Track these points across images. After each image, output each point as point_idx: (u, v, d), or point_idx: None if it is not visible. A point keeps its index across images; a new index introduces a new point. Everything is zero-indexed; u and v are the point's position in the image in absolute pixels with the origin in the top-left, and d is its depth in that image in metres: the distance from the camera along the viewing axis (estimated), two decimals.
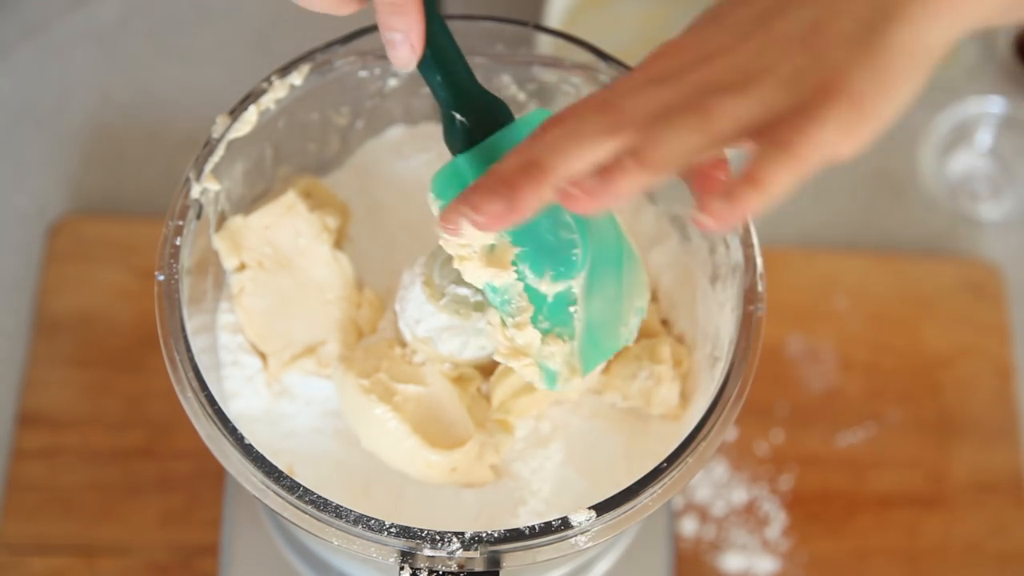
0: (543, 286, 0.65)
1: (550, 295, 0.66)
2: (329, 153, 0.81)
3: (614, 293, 0.68)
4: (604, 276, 0.67)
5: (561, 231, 0.66)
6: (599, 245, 0.67)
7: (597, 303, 0.67)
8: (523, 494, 0.74)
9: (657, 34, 1.14)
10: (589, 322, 0.67)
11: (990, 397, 1.08)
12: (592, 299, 0.67)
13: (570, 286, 0.65)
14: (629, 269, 0.69)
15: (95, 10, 1.18)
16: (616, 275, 0.68)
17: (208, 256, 0.74)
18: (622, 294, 0.68)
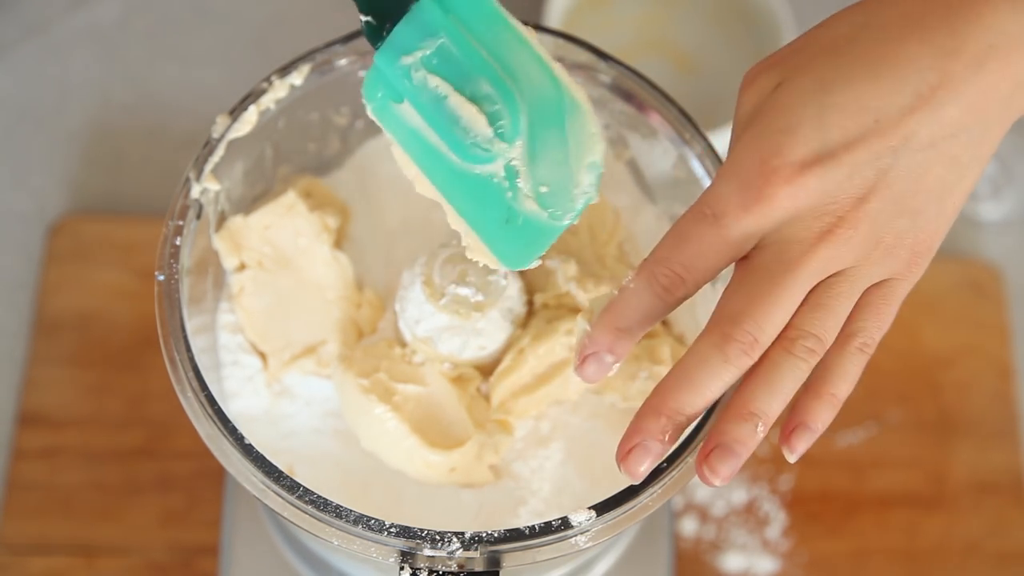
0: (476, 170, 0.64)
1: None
2: (329, 153, 0.81)
3: (560, 154, 0.64)
4: (546, 137, 0.64)
5: (484, 104, 0.63)
6: (535, 105, 0.64)
7: (543, 169, 0.64)
8: (523, 494, 0.74)
9: (657, 34, 1.14)
10: (538, 192, 0.64)
11: (990, 397, 1.08)
12: (537, 166, 0.64)
13: (509, 160, 0.64)
14: (574, 123, 0.64)
15: (95, 10, 1.18)
16: (560, 133, 0.64)
17: (208, 256, 0.74)
18: (569, 153, 0.64)
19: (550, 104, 0.64)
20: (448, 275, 0.71)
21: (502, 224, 0.65)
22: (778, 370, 0.58)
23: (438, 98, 0.64)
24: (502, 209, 0.65)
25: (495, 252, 0.66)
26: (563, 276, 0.74)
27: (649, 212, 0.80)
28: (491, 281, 0.72)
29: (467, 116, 0.64)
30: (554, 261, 0.75)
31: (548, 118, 0.64)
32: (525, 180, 0.64)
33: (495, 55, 0.65)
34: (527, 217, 0.64)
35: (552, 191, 0.64)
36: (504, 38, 0.65)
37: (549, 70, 0.65)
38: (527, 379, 0.73)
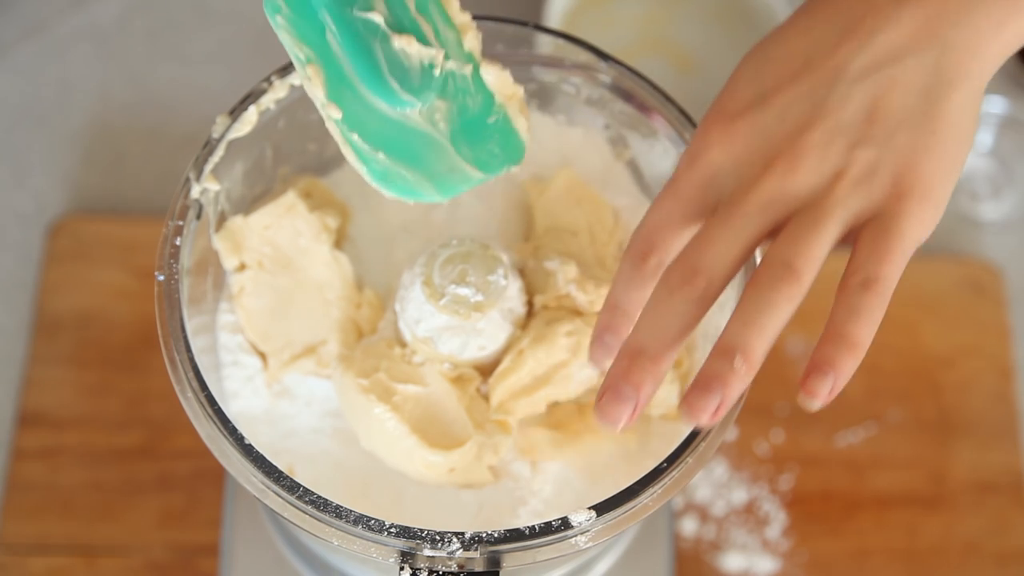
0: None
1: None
2: (329, 153, 0.81)
3: (480, 120, 0.67)
4: (464, 101, 0.66)
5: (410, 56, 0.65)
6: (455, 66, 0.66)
7: (464, 129, 0.66)
8: (523, 494, 0.74)
9: (657, 34, 1.15)
10: (459, 147, 0.66)
11: (990, 397, 1.08)
12: (457, 124, 0.66)
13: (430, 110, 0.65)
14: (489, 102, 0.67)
15: (95, 10, 1.18)
16: (476, 100, 0.67)
17: (208, 256, 0.74)
18: (486, 118, 0.67)
19: (475, 83, 0.67)
20: (448, 275, 0.71)
21: (414, 157, 0.65)
22: (749, 302, 0.57)
23: (371, 34, 0.65)
24: (418, 145, 0.65)
25: (433, 183, 0.66)
26: (563, 278, 0.74)
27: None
28: (491, 281, 0.72)
29: (396, 61, 0.65)
30: (554, 263, 0.75)
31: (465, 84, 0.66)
32: (444, 133, 0.65)
33: (427, 21, 0.66)
34: (453, 162, 0.66)
35: (474, 150, 0.66)
36: (435, 12, 0.67)
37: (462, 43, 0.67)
38: (527, 380, 0.73)
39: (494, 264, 0.72)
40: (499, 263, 0.72)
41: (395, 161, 0.65)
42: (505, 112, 0.68)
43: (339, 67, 0.65)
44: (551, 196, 0.79)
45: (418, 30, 0.66)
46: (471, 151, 0.66)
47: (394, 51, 0.65)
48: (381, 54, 0.65)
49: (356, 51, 0.65)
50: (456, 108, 0.66)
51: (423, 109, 0.66)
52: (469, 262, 0.72)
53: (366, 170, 0.65)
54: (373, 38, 0.65)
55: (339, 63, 0.65)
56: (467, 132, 0.66)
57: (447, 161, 0.66)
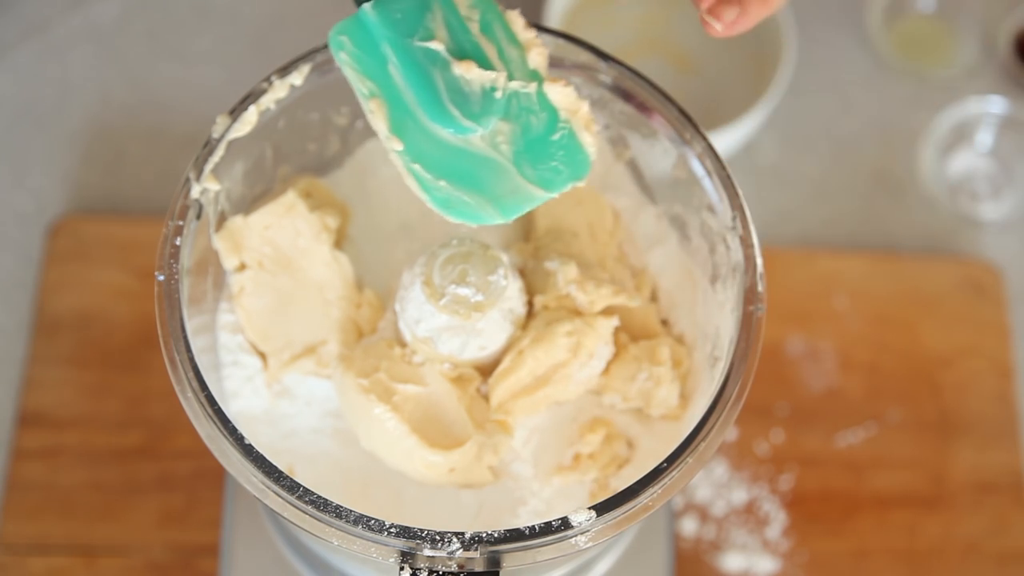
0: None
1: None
2: (329, 153, 0.81)
3: (542, 138, 0.67)
4: (527, 122, 0.67)
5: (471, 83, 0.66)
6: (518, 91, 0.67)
7: (526, 149, 0.66)
8: (523, 494, 0.74)
9: (657, 34, 1.15)
10: (521, 167, 0.66)
11: (990, 397, 1.08)
12: (519, 145, 0.66)
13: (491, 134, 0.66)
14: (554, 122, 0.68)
15: (95, 10, 1.18)
16: (541, 122, 0.67)
17: (208, 256, 0.74)
18: (548, 137, 0.67)
19: (540, 101, 0.67)
20: (448, 275, 0.71)
21: (476, 182, 0.66)
22: None
23: (432, 63, 0.65)
24: (480, 170, 0.66)
25: (495, 205, 0.66)
26: (563, 278, 0.74)
27: (649, 212, 0.80)
28: (491, 281, 0.72)
29: (457, 88, 0.65)
30: (554, 263, 0.75)
31: (530, 105, 0.66)
32: (507, 156, 0.65)
33: (490, 42, 0.66)
34: (515, 183, 0.66)
35: (537, 169, 0.66)
36: (498, 31, 0.67)
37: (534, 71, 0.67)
38: (527, 380, 0.73)
39: (494, 264, 0.72)
40: (499, 263, 0.72)
41: (457, 187, 0.66)
42: (570, 127, 0.68)
43: (401, 99, 0.65)
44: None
45: (480, 53, 0.66)
46: (534, 170, 0.66)
47: (455, 78, 0.66)
48: (441, 82, 0.65)
49: (417, 81, 0.65)
50: (520, 128, 0.67)
51: (484, 134, 0.66)
52: (469, 262, 0.72)
53: (428, 198, 0.66)
54: (433, 67, 0.66)
55: (401, 95, 0.65)
56: (530, 151, 0.67)
57: (510, 183, 0.66)
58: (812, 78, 1.19)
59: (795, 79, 1.15)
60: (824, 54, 1.21)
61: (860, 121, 1.18)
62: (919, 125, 1.17)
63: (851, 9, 1.22)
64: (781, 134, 1.17)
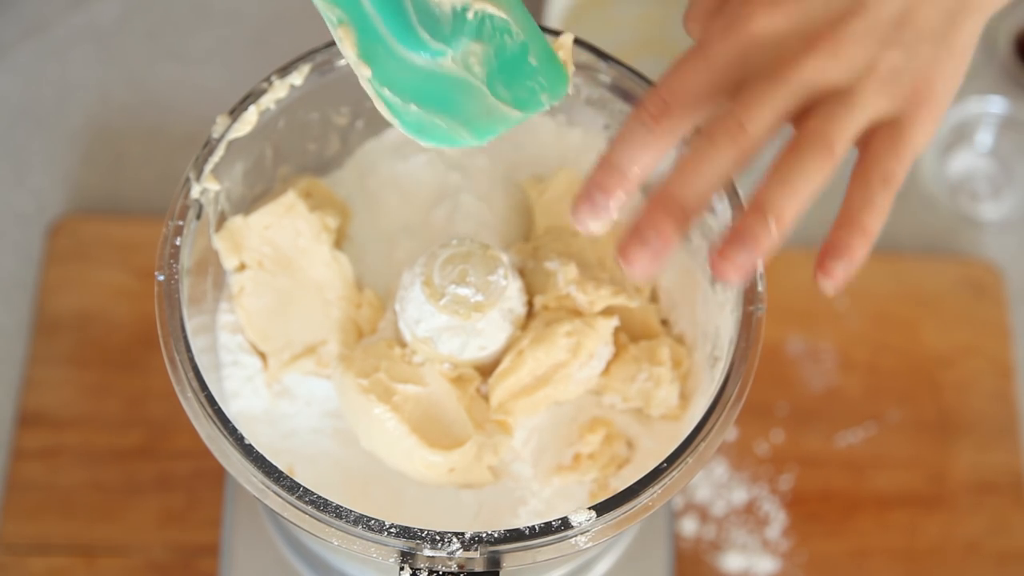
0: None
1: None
2: (329, 153, 0.81)
3: (519, 57, 0.66)
4: (503, 42, 0.65)
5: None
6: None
7: (501, 71, 0.66)
8: (523, 494, 0.74)
9: (657, 34, 1.14)
10: (496, 89, 0.65)
11: (990, 397, 1.08)
12: (493, 68, 0.65)
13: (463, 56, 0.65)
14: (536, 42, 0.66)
15: (95, 10, 1.18)
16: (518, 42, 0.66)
17: (208, 256, 0.74)
18: (528, 56, 0.66)
19: (515, 20, 0.65)
20: (448, 275, 0.71)
21: (448, 104, 0.65)
22: (786, 169, 0.59)
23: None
24: (452, 92, 0.65)
25: (468, 127, 0.65)
26: (563, 278, 0.74)
27: None
28: (491, 281, 0.72)
29: (426, 9, 0.64)
30: (554, 263, 0.75)
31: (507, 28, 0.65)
32: (480, 77, 0.65)
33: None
34: (489, 104, 0.65)
35: (511, 89, 0.65)
36: None
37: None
38: (526, 380, 0.73)
39: (494, 264, 0.72)
40: (499, 263, 0.72)
41: (428, 111, 0.64)
42: (548, 47, 0.67)
43: (371, 24, 0.64)
44: (551, 196, 0.79)
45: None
46: (509, 91, 0.65)
47: (423, 0, 0.65)
48: (410, 4, 0.64)
49: (385, 5, 0.64)
50: (493, 49, 0.65)
51: (456, 56, 0.65)
52: (469, 262, 0.72)
53: (399, 122, 0.64)
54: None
55: (371, 20, 0.64)
56: (504, 72, 0.65)
57: (483, 104, 0.65)
58: None
59: None
60: None
61: None
62: None
63: None
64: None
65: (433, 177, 0.80)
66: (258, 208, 0.76)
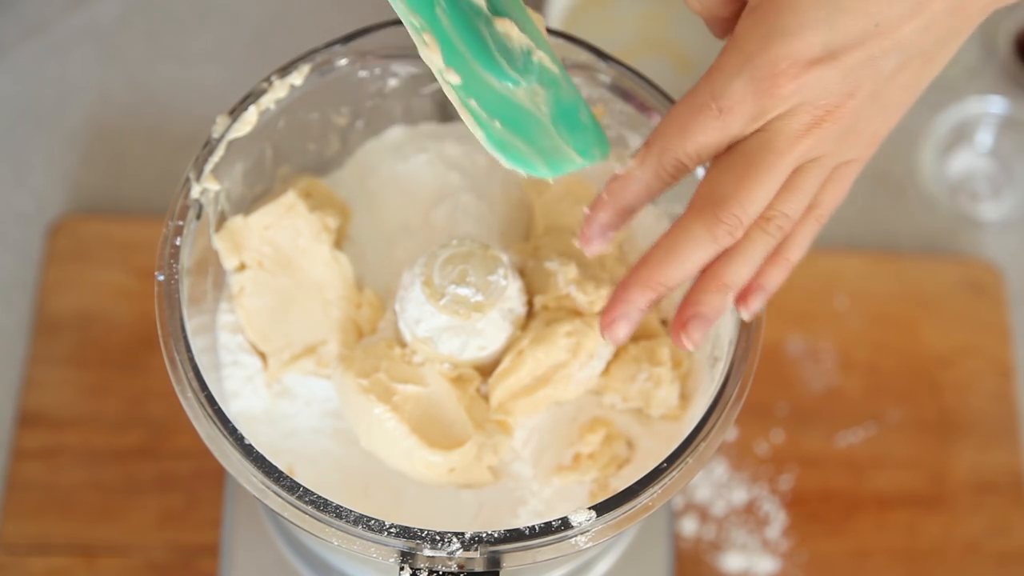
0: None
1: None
2: (329, 153, 0.81)
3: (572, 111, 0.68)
4: (559, 94, 0.68)
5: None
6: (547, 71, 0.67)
7: (561, 118, 0.67)
8: (523, 494, 0.74)
9: (657, 34, 1.14)
10: (559, 129, 0.67)
11: (990, 397, 1.08)
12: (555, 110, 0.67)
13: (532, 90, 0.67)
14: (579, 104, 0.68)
15: (95, 10, 1.18)
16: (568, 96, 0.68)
17: (208, 256, 0.74)
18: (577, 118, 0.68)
19: (566, 82, 0.68)
20: (448, 275, 0.71)
21: (525, 131, 0.66)
22: (753, 246, 0.64)
23: (475, 15, 0.65)
24: (526, 121, 0.66)
25: (543, 158, 0.66)
26: (563, 279, 0.74)
27: (649, 212, 0.80)
28: (491, 281, 0.72)
29: (500, 42, 0.66)
30: (554, 263, 0.75)
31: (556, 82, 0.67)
32: (546, 115, 0.66)
33: (521, 26, 0.67)
34: (556, 142, 0.66)
35: (571, 135, 0.67)
36: (527, 24, 0.68)
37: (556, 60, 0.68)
38: (526, 380, 0.73)
39: (494, 264, 0.72)
40: (499, 263, 0.72)
41: (510, 131, 0.65)
42: (591, 112, 0.69)
43: (450, 39, 0.65)
44: (551, 196, 0.79)
45: (516, 15, 0.67)
46: (570, 137, 0.67)
47: (497, 33, 0.66)
48: (487, 33, 0.66)
49: (464, 27, 0.65)
50: (552, 96, 0.67)
51: (527, 88, 0.66)
52: (469, 262, 0.72)
53: (484, 135, 0.64)
54: (478, 18, 0.66)
55: (449, 36, 0.65)
56: (564, 118, 0.67)
57: (551, 140, 0.66)
58: None
59: None
60: None
61: None
62: (919, 125, 1.17)
63: None
64: None
65: (433, 177, 0.80)
66: (258, 208, 0.76)
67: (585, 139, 0.67)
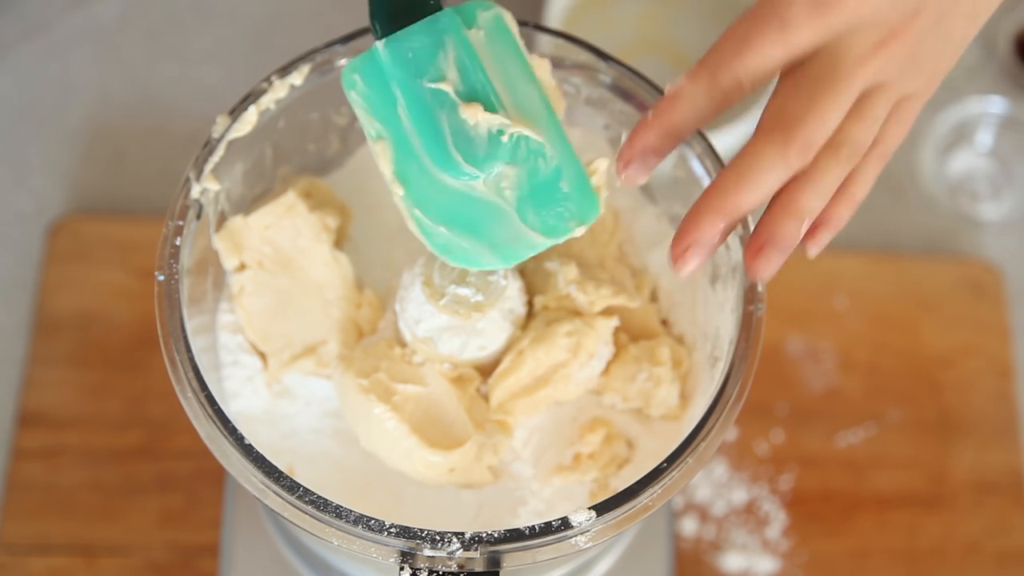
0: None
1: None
2: (329, 153, 0.81)
3: (551, 185, 0.66)
4: (536, 169, 0.66)
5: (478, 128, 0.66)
6: (530, 139, 0.66)
7: (532, 196, 0.66)
8: (523, 494, 0.74)
9: (657, 34, 1.14)
10: (525, 215, 0.66)
11: (990, 397, 1.08)
12: (525, 192, 0.66)
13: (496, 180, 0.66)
14: (569, 169, 0.67)
15: (95, 10, 1.18)
16: (551, 172, 0.67)
17: (208, 256, 0.74)
18: (560, 185, 0.67)
19: (551, 143, 0.66)
20: (448, 275, 0.71)
21: (476, 228, 0.66)
22: (823, 174, 0.61)
23: (440, 105, 0.65)
24: (481, 216, 0.66)
25: (494, 252, 0.66)
26: (563, 279, 0.74)
27: (649, 212, 0.80)
28: (491, 281, 0.72)
29: (463, 132, 0.65)
30: (554, 263, 0.75)
31: (540, 152, 0.66)
32: (510, 201, 0.66)
33: (505, 82, 0.66)
34: (517, 230, 0.66)
35: (541, 215, 0.66)
36: (515, 71, 0.67)
37: (552, 115, 0.67)
38: (526, 381, 0.73)
39: None
40: None
41: (456, 233, 0.66)
42: (582, 171, 0.67)
43: (408, 141, 0.66)
44: None
45: (489, 95, 0.66)
46: (537, 216, 0.66)
47: (461, 121, 0.65)
48: (447, 126, 0.65)
49: (423, 126, 0.65)
50: (526, 172, 0.66)
51: (487, 179, 0.66)
52: None
53: (428, 242, 0.66)
54: (441, 109, 0.65)
55: (408, 137, 0.66)
56: (535, 196, 0.66)
57: (511, 229, 0.66)
58: None
59: None
60: None
61: None
62: (919, 125, 1.17)
63: None
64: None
65: None
66: (258, 208, 0.76)
67: (559, 213, 0.66)
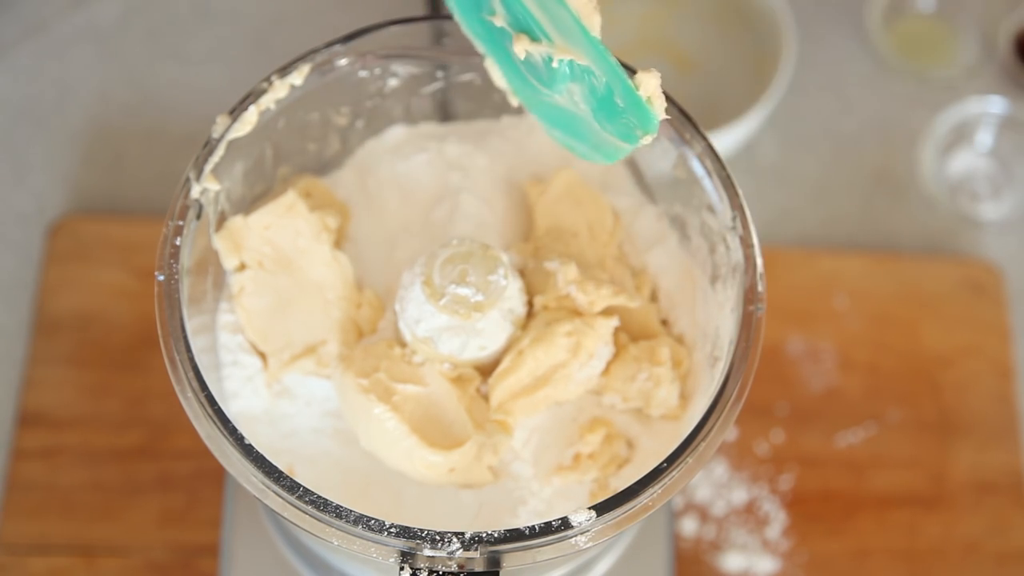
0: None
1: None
2: (329, 153, 0.81)
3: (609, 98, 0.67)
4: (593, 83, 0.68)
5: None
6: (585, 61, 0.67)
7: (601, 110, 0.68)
8: (523, 494, 0.74)
9: (657, 34, 1.15)
10: (602, 124, 0.68)
11: (990, 397, 1.08)
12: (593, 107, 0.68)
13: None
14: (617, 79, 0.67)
15: (95, 10, 1.18)
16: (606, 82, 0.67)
17: (208, 256, 0.74)
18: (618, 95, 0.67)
19: (595, 63, 0.66)
20: (448, 275, 0.71)
21: (577, 132, 0.70)
22: None
23: (502, 35, 0.69)
24: (575, 123, 0.70)
25: (599, 152, 0.70)
26: (563, 279, 0.74)
27: (649, 212, 0.80)
28: (491, 281, 0.72)
29: (527, 59, 0.68)
30: (554, 263, 0.75)
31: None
32: (587, 113, 0.68)
33: (543, 8, 0.67)
34: (602, 136, 0.68)
35: (613, 124, 0.67)
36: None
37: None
38: (526, 381, 0.73)
39: (494, 264, 0.72)
40: (499, 263, 0.72)
41: (566, 136, 0.72)
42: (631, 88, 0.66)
43: (508, 61, 0.70)
44: (551, 196, 0.79)
45: (531, 23, 0.67)
46: (611, 125, 0.67)
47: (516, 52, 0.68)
48: (514, 53, 0.68)
49: (500, 51, 0.70)
50: (587, 89, 0.67)
51: (562, 95, 0.68)
52: (469, 262, 0.72)
53: (556, 141, 0.72)
54: (504, 39, 0.69)
55: (509, 58, 0.69)
56: (603, 109, 0.67)
57: (598, 135, 0.69)
58: (812, 78, 1.19)
59: (795, 79, 1.15)
60: (824, 54, 1.21)
61: (860, 121, 1.19)
62: (919, 125, 1.17)
63: (851, 9, 1.22)
64: (781, 134, 1.17)
65: (433, 177, 0.80)
66: (258, 208, 0.76)
67: (625, 123, 0.67)
